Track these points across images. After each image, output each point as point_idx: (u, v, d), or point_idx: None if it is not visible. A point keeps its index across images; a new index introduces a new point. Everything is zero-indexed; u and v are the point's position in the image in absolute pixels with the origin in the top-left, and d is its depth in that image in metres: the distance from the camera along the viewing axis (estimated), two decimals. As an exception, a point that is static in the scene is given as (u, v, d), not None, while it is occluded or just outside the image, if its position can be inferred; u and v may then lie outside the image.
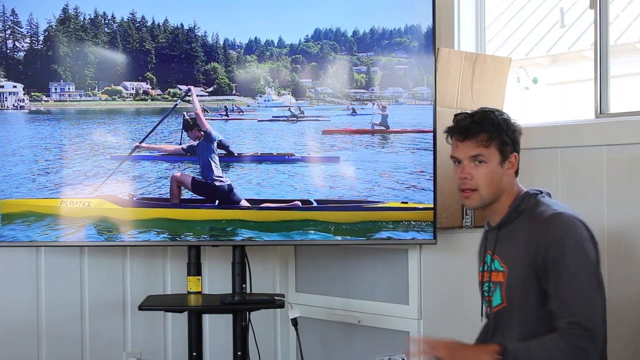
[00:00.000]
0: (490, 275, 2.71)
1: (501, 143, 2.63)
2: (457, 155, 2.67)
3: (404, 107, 3.73)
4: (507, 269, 2.63)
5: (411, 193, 3.62)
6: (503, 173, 2.65)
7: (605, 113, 3.83)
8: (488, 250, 2.75)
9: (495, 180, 2.64)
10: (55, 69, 3.61)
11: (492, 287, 2.70)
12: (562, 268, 2.47)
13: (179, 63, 3.70)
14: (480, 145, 2.62)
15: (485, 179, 2.63)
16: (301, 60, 3.71)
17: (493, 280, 2.69)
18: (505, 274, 2.63)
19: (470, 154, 2.64)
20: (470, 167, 2.64)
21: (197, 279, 3.60)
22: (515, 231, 2.63)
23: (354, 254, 3.91)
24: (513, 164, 2.67)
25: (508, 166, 2.66)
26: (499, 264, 2.67)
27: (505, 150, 2.64)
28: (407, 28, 3.67)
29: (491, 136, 2.62)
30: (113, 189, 3.58)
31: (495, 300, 2.68)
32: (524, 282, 2.57)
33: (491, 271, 2.70)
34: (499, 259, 2.68)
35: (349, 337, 3.93)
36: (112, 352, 3.91)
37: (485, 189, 2.64)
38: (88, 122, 3.66)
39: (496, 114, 2.65)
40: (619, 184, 3.64)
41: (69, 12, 3.60)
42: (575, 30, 5.07)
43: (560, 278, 2.47)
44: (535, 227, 2.57)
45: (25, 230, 3.52)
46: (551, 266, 2.49)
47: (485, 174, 2.63)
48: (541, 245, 2.51)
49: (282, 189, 3.65)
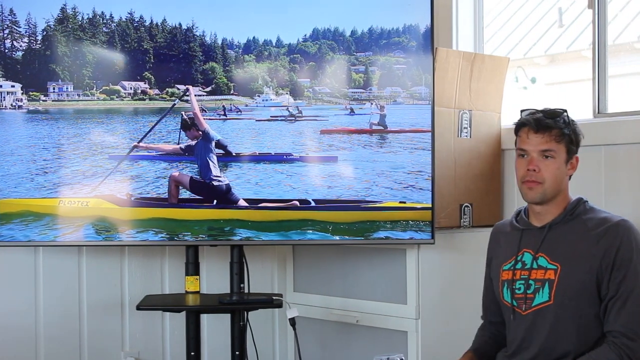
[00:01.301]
0: (529, 273, 2.70)
1: (570, 142, 2.67)
2: (527, 148, 2.69)
3: (402, 106, 3.73)
4: (560, 267, 2.64)
5: (409, 193, 3.62)
6: (565, 172, 2.70)
7: (604, 113, 3.83)
8: (525, 248, 2.75)
9: (560, 178, 2.68)
10: (54, 69, 3.61)
11: (534, 285, 2.69)
12: (627, 272, 2.56)
13: (177, 63, 3.69)
14: (552, 139, 2.65)
15: (552, 174, 2.66)
16: (299, 60, 3.71)
17: (538, 277, 2.69)
18: (557, 272, 2.64)
19: (541, 147, 2.66)
20: (538, 160, 2.67)
21: (195, 279, 3.60)
22: (571, 231, 2.67)
23: (352, 254, 3.91)
24: (574, 165, 2.72)
25: (569, 167, 2.70)
26: (546, 262, 2.68)
27: (571, 150, 2.69)
28: (406, 28, 3.67)
29: (563, 133, 2.66)
30: (111, 188, 3.58)
31: (539, 299, 2.68)
32: (583, 282, 2.60)
33: (532, 269, 2.70)
34: (546, 257, 2.68)
35: (347, 337, 3.93)
36: (111, 352, 3.91)
37: (550, 183, 2.67)
38: (86, 121, 3.66)
39: (567, 114, 2.70)
40: (617, 183, 3.64)
41: (67, 12, 3.60)
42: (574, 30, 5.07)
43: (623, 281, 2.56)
44: (602, 231, 2.61)
45: (23, 230, 3.52)
46: (616, 268, 2.56)
47: (552, 169, 2.66)
48: (611, 247, 2.57)
49: (280, 189, 3.65)
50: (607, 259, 2.57)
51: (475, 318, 3.09)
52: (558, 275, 2.64)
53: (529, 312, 2.71)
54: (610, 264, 2.56)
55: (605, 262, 2.57)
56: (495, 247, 2.94)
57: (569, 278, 2.62)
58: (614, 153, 3.63)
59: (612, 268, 2.56)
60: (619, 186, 3.63)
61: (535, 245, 2.73)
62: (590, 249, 2.60)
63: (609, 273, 2.56)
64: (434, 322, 3.67)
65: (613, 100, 3.85)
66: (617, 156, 3.63)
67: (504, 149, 4.04)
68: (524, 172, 2.69)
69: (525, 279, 2.72)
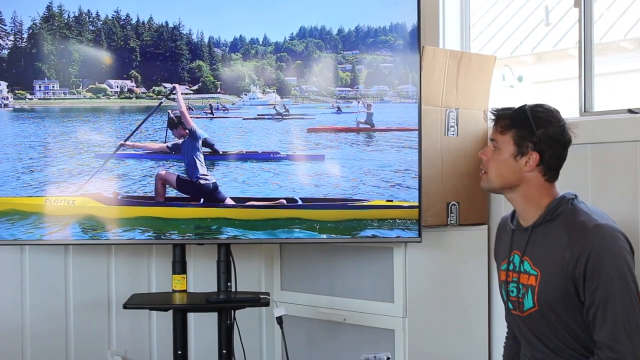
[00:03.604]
0: (519, 277, 2.67)
1: (519, 136, 2.60)
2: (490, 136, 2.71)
3: (389, 105, 3.73)
4: (539, 273, 2.59)
5: (396, 191, 3.63)
6: (517, 167, 2.61)
7: (590, 111, 3.85)
8: (515, 250, 2.71)
9: (506, 172, 2.63)
10: (40, 67, 3.60)
11: (522, 290, 2.65)
12: (599, 280, 2.45)
13: (164, 61, 3.69)
14: (497, 130, 2.65)
15: (494, 165, 2.65)
16: (286, 58, 3.70)
17: (523, 282, 2.65)
18: (537, 278, 2.59)
19: (490, 136, 2.69)
20: (489, 149, 2.67)
21: (182, 278, 3.60)
22: (550, 235, 2.59)
23: (339, 252, 3.91)
24: (530, 163, 2.60)
25: (524, 162, 2.61)
26: (529, 267, 2.63)
27: (522, 145, 2.60)
28: (392, 26, 3.67)
29: (507, 125, 2.62)
30: (98, 187, 3.58)
31: (527, 304, 2.63)
32: (560, 288, 2.53)
33: (520, 272, 2.66)
34: (529, 261, 2.64)
35: (334, 335, 3.93)
36: (97, 351, 3.90)
37: (493, 174, 2.66)
38: (72, 120, 3.65)
39: (536, 110, 2.62)
40: (603, 182, 3.65)
41: (53, 10, 3.59)
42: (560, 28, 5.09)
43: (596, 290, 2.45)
44: (576, 236, 2.51)
45: (9, 229, 3.51)
46: (589, 277, 2.46)
47: (495, 160, 2.65)
48: (582, 255, 2.46)
49: (267, 187, 3.65)
50: (580, 267, 2.47)
51: (461, 316, 3.10)
52: (538, 282, 2.59)
53: (525, 315, 2.67)
54: (582, 272, 2.47)
55: (578, 271, 2.48)
56: (497, 244, 2.92)
57: (548, 285, 2.56)
58: (601, 151, 3.64)
59: (584, 276, 2.47)
60: (605, 184, 3.64)
61: (521, 247, 2.68)
62: (565, 254, 2.51)
63: (583, 282, 2.47)
64: (420, 321, 3.68)
65: (599, 98, 3.87)
66: (603, 154, 3.64)
67: (491, 148, 4.04)
68: None
69: (516, 282, 2.69)
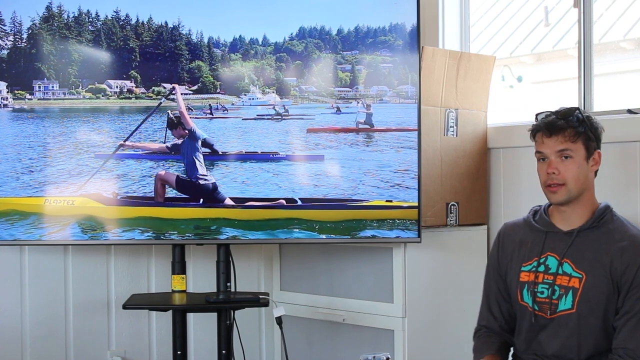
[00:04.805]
0: (554, 278, 2.68)
1: (587, 139, 2.67)
2: (544, 151, 2.69)
3: (388, 105, 3.73)
4: (585, 276, 2.63)
5: (396, 191, 3.63)
6: (588, 169, 2.70)
7: (589, 111, 3.84)
8: (550, 252, 2.73)
9: (582, 176, 2.68)
10: (39, 67, 3.60)
11: (558, 291, 2.67)
12: None
13: (163, 61, 3.69)
14: (567, 140, 2.66)
15: (572, 173, 2.66)
16: (286, 58, 3.70)
17: (562, 284, 2.67)
18: (582, 281, 2.63)
19: (557, 148, 2.67)
20: (557, 162, 2.67)
21: (181, 278, 3.60)
22: (599, 241, 2.66)
23: (338, 253, 3.91)
24: (597, 160, 2.73)
25: (592, 162, 2.71)
26: (571, 269, 2.66)
27: (590, 146, 2.69)
28: (392, 26, 3.67)
29: (577, 131, 2.66)
30: (97, 187, 3.57)
31: (563, 305, 2.66)
32: (606, 293, 2.60)
33: (557, 274, 2.68)
34: (571, 264, 2.67)
35: (333, 336, 3.93)
36: (97, 351, 3.90)
37: (573, 183, 2.67)
38: (72, 120, 3.65)
39: (580, 111, 2.69)
40: (602, 182, 3.64)
41: (53, 10, 3.59)
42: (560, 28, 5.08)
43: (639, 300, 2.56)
44: (629, 248, 2.60)
45: (8, 229, 3.51)
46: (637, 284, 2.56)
47: (572, 169, 2.66)
48: (634, 263, 2.57)
49: (266, 188, 3.65)
50: (628, 274, 2.56)
51: (461, 316, 3.09)
52: (582, 285, 2.63)
53: (554, 317, 2.69)
54: (630, 279, 2.56)
55: (626, 277, 2.57)
56: (509, 249, 2.89)
57: (592, 289, 2.61)
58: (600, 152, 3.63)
59: (631, 284, 2.56)
60: (604, 184, 3.63)
61: (561, 250, 2.70)
62: (614, 261, 2.59)
63: (627, 289, 2.56)
64: (420, 321, 3.68)
65: (599, 98, 3.86)
66: (603, 154, 3.63)
67: (490, 148, 4.04)
68: (545, 177, 2.70)
69: (549, 283, 2.70)
